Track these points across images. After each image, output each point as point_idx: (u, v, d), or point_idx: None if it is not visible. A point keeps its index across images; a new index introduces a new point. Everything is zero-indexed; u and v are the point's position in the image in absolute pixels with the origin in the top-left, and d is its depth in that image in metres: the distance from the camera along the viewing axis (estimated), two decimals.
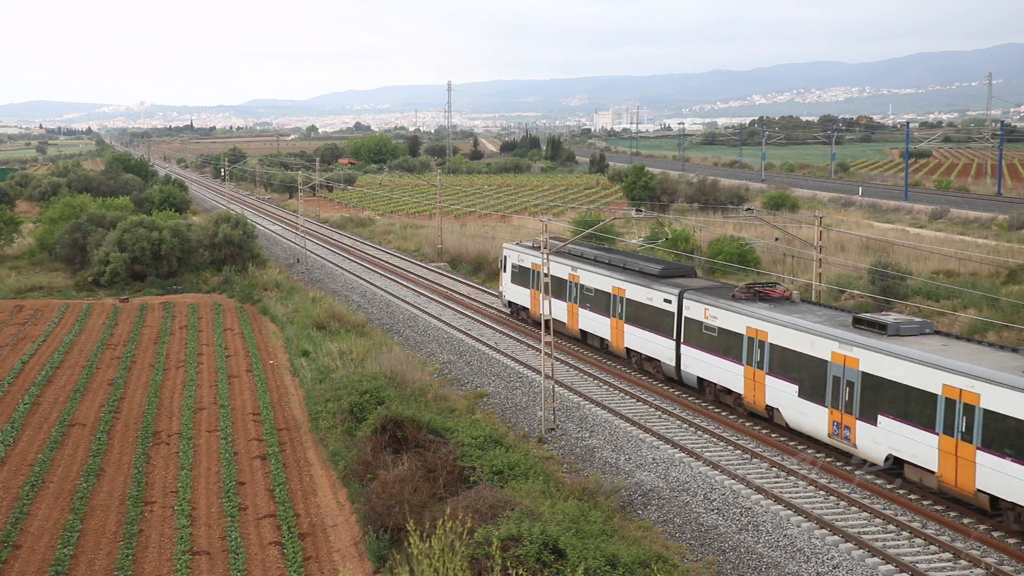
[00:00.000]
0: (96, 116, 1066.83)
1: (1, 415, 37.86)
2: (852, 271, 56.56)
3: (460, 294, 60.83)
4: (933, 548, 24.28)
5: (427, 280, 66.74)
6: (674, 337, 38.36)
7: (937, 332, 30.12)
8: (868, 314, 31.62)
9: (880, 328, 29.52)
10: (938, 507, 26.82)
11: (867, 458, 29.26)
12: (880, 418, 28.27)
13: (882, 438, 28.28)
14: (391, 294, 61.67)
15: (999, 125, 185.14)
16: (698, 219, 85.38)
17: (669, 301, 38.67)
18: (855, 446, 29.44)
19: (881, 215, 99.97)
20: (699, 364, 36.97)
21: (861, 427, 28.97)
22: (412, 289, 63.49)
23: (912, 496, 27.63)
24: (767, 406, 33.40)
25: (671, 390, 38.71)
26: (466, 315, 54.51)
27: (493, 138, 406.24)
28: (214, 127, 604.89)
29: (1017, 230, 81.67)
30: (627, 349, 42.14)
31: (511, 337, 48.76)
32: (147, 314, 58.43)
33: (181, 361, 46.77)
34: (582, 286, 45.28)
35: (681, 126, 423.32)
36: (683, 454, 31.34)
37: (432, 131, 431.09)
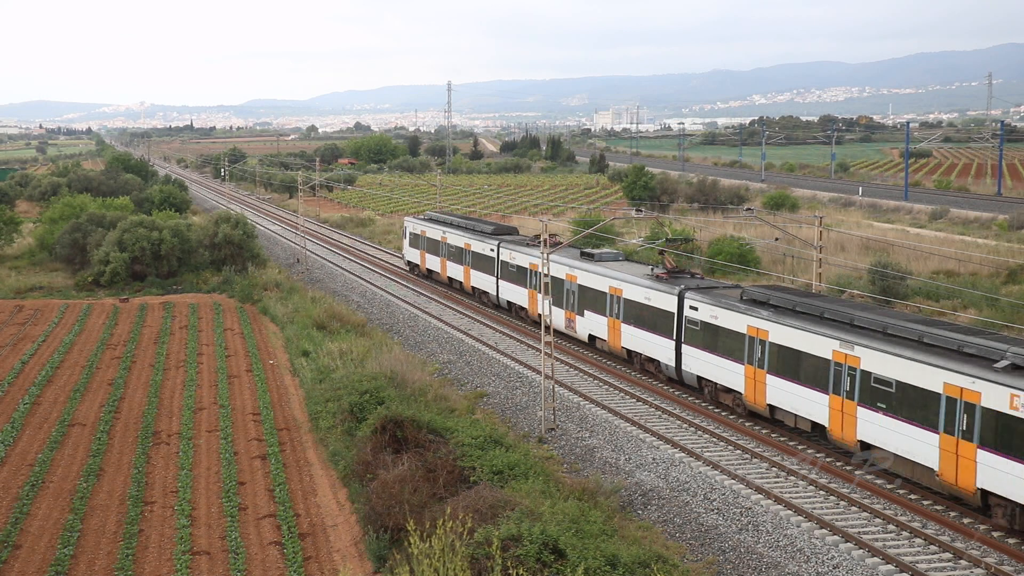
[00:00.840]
0: (96, 116, 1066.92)
1: (1, 415, 37.87)
2: (852, 271, 56.56)
3: (460, 293, 60.80)
4: (933, 548, 24.29)
5: (427, 280, 66.71)
6: (495, 275, 53.83)
7: (628, 259, 47.03)
8: (587, 249, 48.79)
9: (590, 257, 46.01)
10: (938, 507, 26.84)
11: (579, 337, 45.34)
12: (586, 312, 44.21)
13: (587, 325, 44.30)
14: (391, 294, 61.67)
15: (999, 125, 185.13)
16: (698, 219, 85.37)
17: (493, 250, 53.87)
18: (576, 332, 45.38)
19: (881, 215, 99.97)
20: (507, 291, 52.49)
21: (578, 320, 45.04)
22: (412, 289, 63.49)
23: (912, 496, 27.64)
24: (539, 314, 47.59)
25: (671, 390, 38.74)
26: (466, 315, 54.52)
27: (493, 138, 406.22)
28: (214, 127, 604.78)
29: (1017, 230, 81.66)
30: (472, 287, 57.65)
31: (511, 337, 48.78)
32: (147, 314, 58.45)
33: (181, 361, 46.78)
34: (448, 244, 60.92)
35: (681, 126, 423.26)
36: (683, 454, 31.35)
37: (432, 131, 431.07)
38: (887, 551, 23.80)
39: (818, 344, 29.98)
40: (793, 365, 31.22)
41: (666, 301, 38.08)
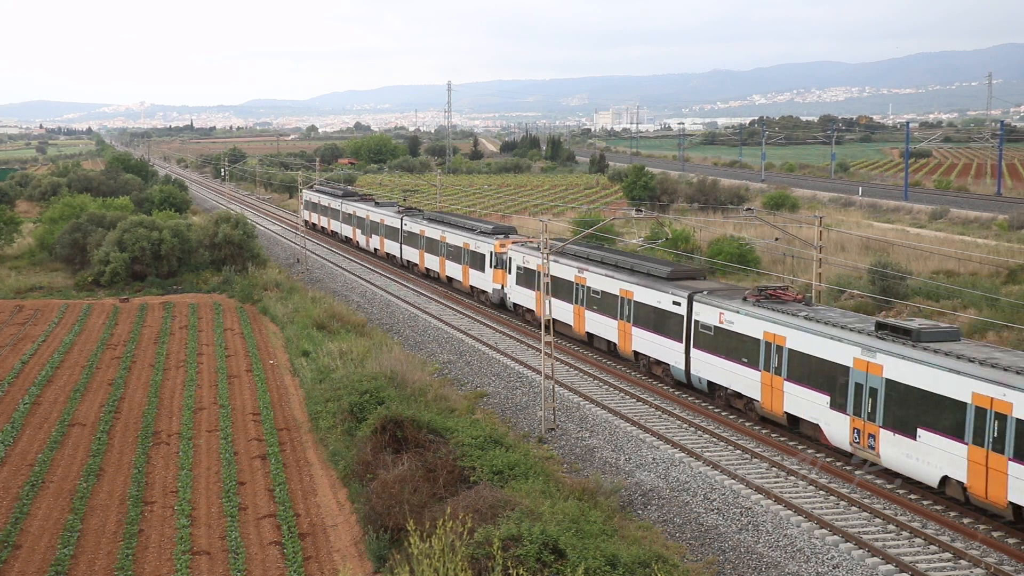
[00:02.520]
0: (96, 116, 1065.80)
1: (1, 415, 37.88)
2: (852, 271, 56.55)
3: (460, 294, 60.83)
4: (933, 548, 24.29)
5: (427, 280, 66.74)
6: (340, 221, 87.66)
7: (396, 205, 78.41)
8: (378, 199, 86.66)
9: (376, 203, 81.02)
10: (938, 507, 26.84)
11: (369, 250, 78.49)
12: (372, 235, 76.62)
13: (373, 243, 76.55)
14: (391, 294, 61.70)
15: (999, 125, 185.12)
16: (698, 219, 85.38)
17: (340, 204, 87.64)
18: (369, 247, 78.19)
19: (881, 215, 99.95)
20: (345, 230, 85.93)
21: (369, 240, 77.77)
22: (412, 289, 63.52)
23: (912, 496, 27.65)
24: (357, 242, 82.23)
25: (671, 390, 38.75)
26: (466, 315, 54.53)
27: (493, 138, 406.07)
28: (214, 127, 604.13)
29: (1017, 230, 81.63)
30: (332, 231, 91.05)
31: (511, 337, 48.79)
32: (147, 314, 58.45)
33: (181, 361, 46.78)
34: (322, 205, 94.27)
35: (681, 126, 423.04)
36: (683, 454, 31.36)
37: (432, 131, 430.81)
38: (887, 551, 23.81)
39: (456, 238, 59.54)
40: (435, 248, 62.95)
41: (395, 222, 71.17)
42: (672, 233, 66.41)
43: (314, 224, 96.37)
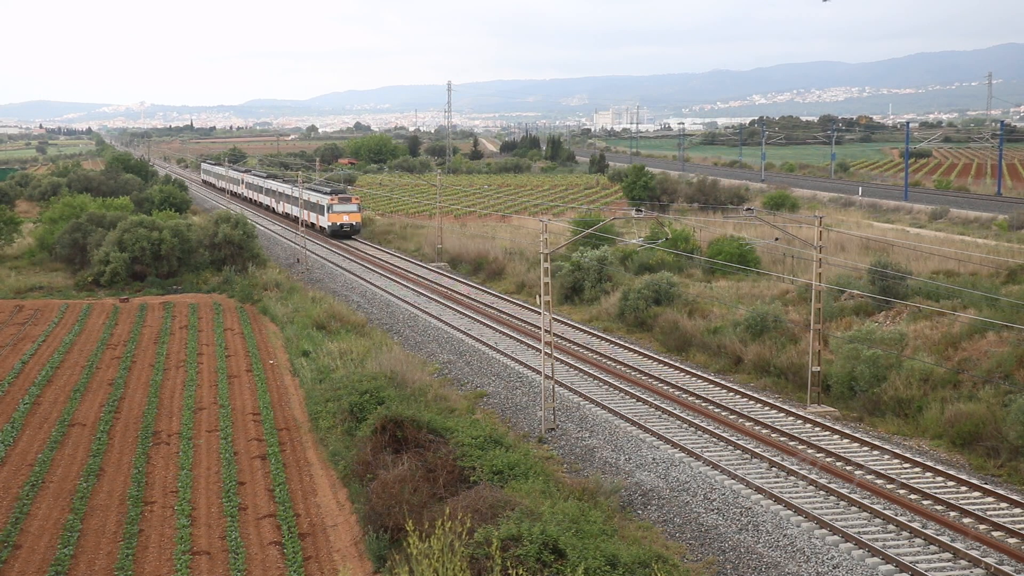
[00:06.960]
0: (96, 116, 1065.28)
1: (1, 415, 37.88)
2: (852, 271, 56.52)
3: (460, 294, 60.87)
4: (933, 548, 24.30)
5: (427, 280, 66.75)
6: (228, 185, 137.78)
7: (242, 168, 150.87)
8: (255, 173, 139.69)
9: (230, 167, 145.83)
10: (938, 507, 26.85)
11: (219, 188, 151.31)
12: (221, 181, 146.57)
13: (224, 185, 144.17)
14: (391, 294, 61.69)
15: (999, 125, 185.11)
16: (698, 219, 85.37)
17: (237, 176, 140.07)
18: (220, 188, 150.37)
19: (881, 215, 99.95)
20: (215, 183, 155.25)
21: (222, 184, 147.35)
22: (412, 289, 63.52)
23: (912, 496, 27.65)
24: (213, 184, 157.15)
25: (671, 390, 38.76)
26: (466, 315, 54.54)
27: (493, 138, 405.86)
28: (214, 127, 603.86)
29: (1017, 230, 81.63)
30: (221, 188, 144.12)
31: (511, 337, 48.80)
32: (147, 314, 58.45)
33: (181, 361, 46.78)
34: (217, 172, 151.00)
35: (681, 126, 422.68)
36: (683, 454, 31.36)
37: (432, 131, 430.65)
38: (887, 551, 23.81)
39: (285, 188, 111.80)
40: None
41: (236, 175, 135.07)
42: (672, 233, 66.39)
43: (209, 184, 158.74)
